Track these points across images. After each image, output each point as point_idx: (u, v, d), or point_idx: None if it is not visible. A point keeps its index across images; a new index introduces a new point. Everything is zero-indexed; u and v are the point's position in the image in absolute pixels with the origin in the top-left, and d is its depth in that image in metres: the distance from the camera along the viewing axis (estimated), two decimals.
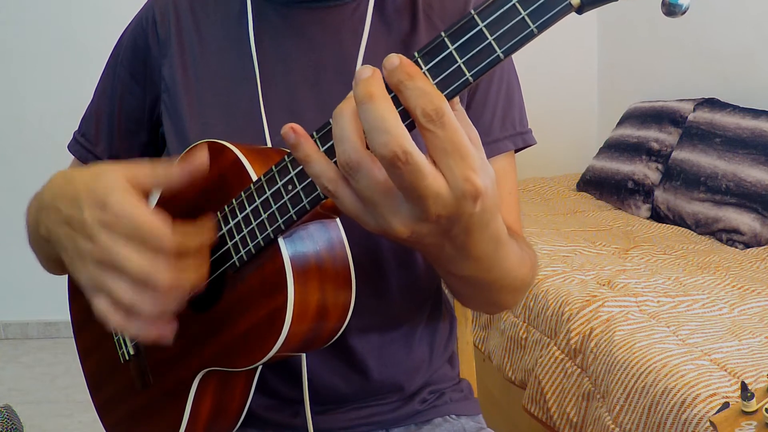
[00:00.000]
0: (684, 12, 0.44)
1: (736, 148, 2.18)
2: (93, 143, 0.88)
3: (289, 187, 0.56)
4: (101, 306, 0.57)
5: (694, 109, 2.45)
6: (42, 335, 3.13)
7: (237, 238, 0.61)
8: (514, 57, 0.52)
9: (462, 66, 0.46)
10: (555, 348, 1.65)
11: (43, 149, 2.17)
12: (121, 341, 0.77)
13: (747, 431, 0.55)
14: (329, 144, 0.50)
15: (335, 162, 0.48)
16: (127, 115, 0.86)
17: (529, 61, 0.49)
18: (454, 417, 0.87)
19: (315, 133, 0.52)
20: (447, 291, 0.98)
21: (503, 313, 1.87)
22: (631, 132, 2.67)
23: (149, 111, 0.85)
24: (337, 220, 0.64)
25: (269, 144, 0.76)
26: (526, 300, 1.79)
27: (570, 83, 3.31)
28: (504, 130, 0.82)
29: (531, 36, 0.45)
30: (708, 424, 1.19)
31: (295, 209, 0.56)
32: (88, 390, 0.86)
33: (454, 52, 0.46)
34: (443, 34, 0.47)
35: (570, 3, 0.44)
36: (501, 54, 0.45)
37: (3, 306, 3.12)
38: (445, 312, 0.89)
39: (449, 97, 0.46)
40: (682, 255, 1.98)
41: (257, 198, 0.59)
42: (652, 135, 2.55)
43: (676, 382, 1.29)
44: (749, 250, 2.02)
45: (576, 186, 2.84)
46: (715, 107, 2.39)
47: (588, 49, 3.34)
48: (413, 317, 0.83)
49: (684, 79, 2.77)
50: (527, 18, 0.44)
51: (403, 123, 0.45)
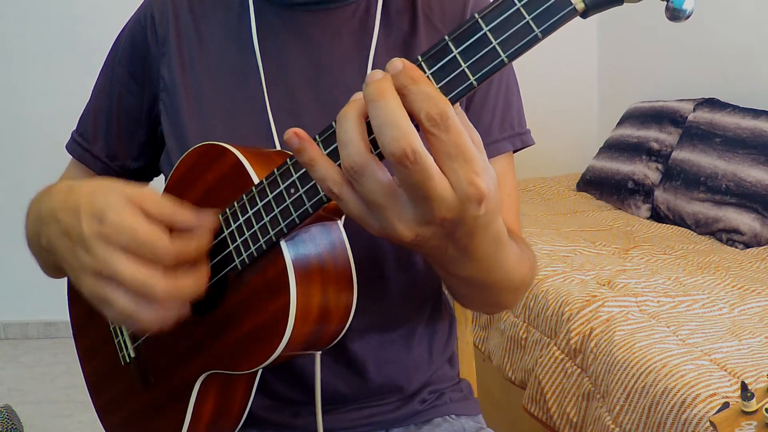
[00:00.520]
0: (688, 17, 0.44)
1: (736, 148, 2.18)
2: (90, 142, 0.88)
3: (292, 191, 0.55)
4: (112, 315, 0.59)
5: (694, 109, 2.45)
6: (42, 335, 3.13)
7: (239, 241, 0.61)
8: None
9: (466, 70, 0.46)
10: (555, 348, 1.65)
11: (43, 149, 2.17)
12: (122, 344, 0.77)
13: (747, 431, 0.55)
14: (332, 147, 0.50)
15: (339, 165, 0.48)
16: (126, 114, 0.86)
17: (529, 62, 0.49)
18: (453, 417, 0.87)
19: (318, 137, 0.51)
20: (447, 292, 0.98)
21: (503, 313, 1.87)
22: (631, 132, 2.67)
23: (148, 110, 0.85)
24: (339, 221, 0.64)
25: (277, 144, 0.75)
26: (526, 300, 1.79)
27: (570, 83, 3.31)
28: (503, 131, 0.82)
29: (536, 40, 0.44)
30: (708, 424, 1.19)
31: (298, 212, 0.55)
32: (88, 392, 0.86)
33: (458, 56, 0.46)
34: (447, 37, 0.46)
35: (574, 7, 0.44)
36: (505, 58, 0.45)
37: (3, 306, 3.12)
38: (445, 312, 0.89)
39: (453, 102, 0.46)
40: (682, 255, 1.98)
41: (259, 201, 0.59)
42: (652, 135, 2.55)
43: (676, 382, 1.29)
44: (749, 250, 2.02)
45: (576, 186, 2.84)
46: (715, 107, 2.38)
47: (588, 49, 3.34)
48: (413, 317, 0.83)
49: (684, 79, 2.77)
50: (531, 22, 0.44)
51: None
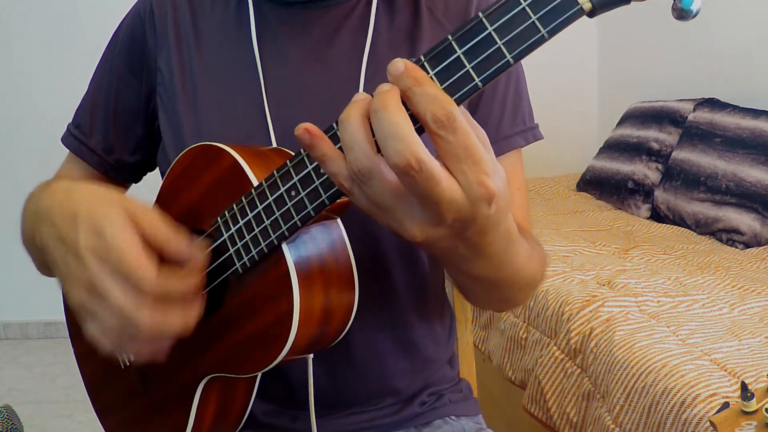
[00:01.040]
0: (695, 16, 0.43)
1: (736, 148, 2.18)
2: (87, 135, 0.88)
3: (293, 193, 0.55)
4: (92, 330, 0.58)
5: (694, 109, 2.45)
6: (42, 335, 3.13)
7: (239, 244, 0.61)
8: None
9: (471, 71, 0.45)
10: (555, 348, 1.65)
11: (43, 149, 2.16)
12: None
13: (747, 431, 0.55)
14: (337, 147, 0.49)
15: None
16: (123, 108, 0.86)
17: (529, 61, 0.49)
18: (453, 418, 0.86)
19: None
20: (452, 290, 0.98)
21: (503, 313, 1.87)
22: (631, 132, 2.67)
23: (145, 103, 0.85)
24: (338, 220, 0.64)
25: (273, 141, 0.75)
26: None
27: (570, 83, 3.31)
28: (515, 126, 0.81)
29: (542, 40, 0.44)
30: (708, 424, 1.19)
31: (300, 215, 0.55)
32: (87, 394, 0.85)
33: (462, 56, 0.45)
34: (450, 37, 0.45)
35: (581, 7, 0.43)
36: (511, 59, 0.44)
37: (3, 306, 3.12)
38: (446, 312, 0.89)
39: (457, 103, 0.45)
40: (682, 255, 1.98)
41: (259, 204, 0.58)
42: (652, 135, 2.55)
43: (676, 382, 1.29)
44: (749, 250, 2.01)
45: (576, 186, 2.84)
46: (715, 107, 2.38)
47: (588, 49, 3.33)
48: (414, 317, 0.82)
49: (684, 79, 2.77)
50: (537, 22, 0.43)
51: None
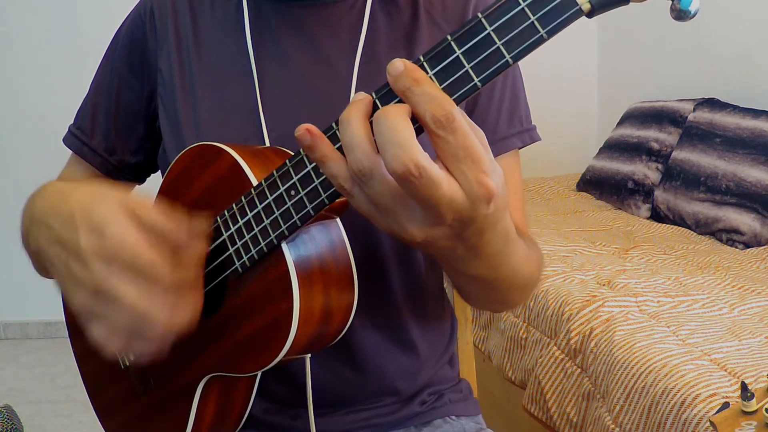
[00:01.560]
0: (693, 17, 0.43)
1: (736, 148, 2.18)
2: (89, 136, 0.88)
3: (292, 193, 0.55)
4: (99, 333, 0.56)
5: (694, 109, 2.45)
6: (42, 335, 3.13)
7: (239, 244, 0.61)
8: None
9: (470, 71, 0.45)
10: (555, 348, 1.65)
11: (44, 149, 2.16)
12: None
13: (747, 431, 0.55)
14: (335, 147, 0.49)
15: None
16: (125, 109, 0.86)
17: (529, 61, 0.49)
18: (453, 418, 0.86)
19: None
20: (452, 291, 0.97)
21: (503, 313, 1.87)
22: (631, 132, 2.67)
23: (146, 104, 0.85)
24: (338, 219, 0.64)
25: (267, 141, 0.75)
26: None
27: (570, 83, 3.31)
28: (512, 127, 0.81)
29: (541, 41, 0.44)
30: (708, 424, 1.19)
31: (299, 215, 0.55)
32: (87, 394, 0.85)
33: (461, 56, 0.45)
34: (449, 37, 0.45)
35: (580, 8, 0.43)
36: (510, 59, 0.44)
37: (3, 306, 3.12)
38: (447, 313, 0.89)
39: (456, 103, 0.45)
40: (682, 255, 1.98)
41: (258, 203, 0.58)
42: (652, 135, 2.55)
43: (676, 382, 1.29)
44: (749, 250, 2.01)
45: (576, 186, 2.84)
46: (715, 107, 2.38)
47: (588, 49, 3.33)
48: (414, 317, 0.82)
49: (684, 79, 2.77)
50: (536, 23, 0.43)
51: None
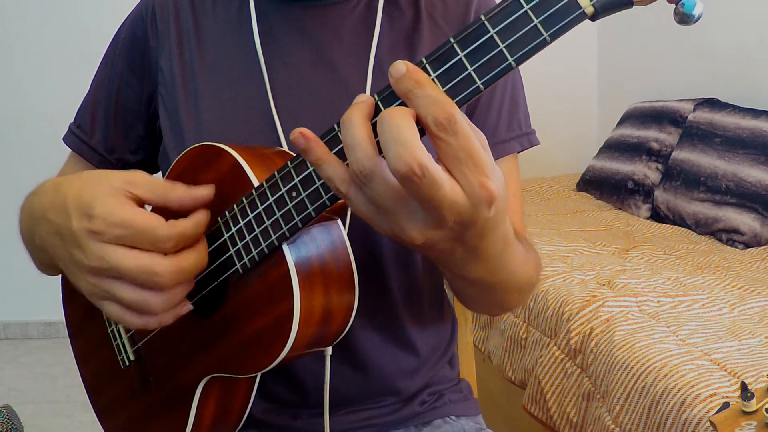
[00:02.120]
0: (697, 20, 0.43)
1: (736, 148, 2.18)
2: (88, 134, 0.88)
3: (293, 194, 0.55)
4: (113, 311, 0.58)
5: (694, 109, 2.45)
6: (42, 335, 3.13)
7: (240, 245, 0.61)
8: None
9: (473, 73, 0.45)
10: (555, 348, 1.65)
11: (44, 149, 2.17)
12: (121, 347, 0.76)
13: (747, 431, 0.55)
14: (337, 148, 0.49)
15: (347, 164, 0.47)
16: (125, 108, 0.86)
17: (529, 61, 0.49)
18: (453, 418, 0.86)
19: (320, 139, 0.50)
20: (450, 293, 0.97)
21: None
22: (631, 132, 2.67)
23: (146, 104, 0.85)
24: (338, 220, 0.64)
25: (284, 142, 0.75)
26: None
27: (570, 83, 3.31)
28: (510, 131, 0.82)
29: (544, 44, 0.44)
30: (708, 424, 1.19)
31: (300, 216, 0.55)
32: (87, 394, 0.85)
33: (464, 58, 0.45)
34: (452, 40, 0.45)
35: (584, 11, 0.43)
36: (513, 62, 0.44)
37: (3, 306, 3.12)
38: (447, 313, 0.89)
39: (459, 105, 0.45)
40: (682, 255, 1.98)
41: (260, 204, 0.58)
42: (652, 135, 2.55)
43: (676, 382, 1.29)
44: (749, 250, 2.02)
45: (576, 186, 2.84)
46: (715, 107, 2.38)
47: (588, 49, 3.33)
48: (414, 317, 0.82)
49: (684, 79, 2.77)
50: (540, 26, 0.43)
51: None
